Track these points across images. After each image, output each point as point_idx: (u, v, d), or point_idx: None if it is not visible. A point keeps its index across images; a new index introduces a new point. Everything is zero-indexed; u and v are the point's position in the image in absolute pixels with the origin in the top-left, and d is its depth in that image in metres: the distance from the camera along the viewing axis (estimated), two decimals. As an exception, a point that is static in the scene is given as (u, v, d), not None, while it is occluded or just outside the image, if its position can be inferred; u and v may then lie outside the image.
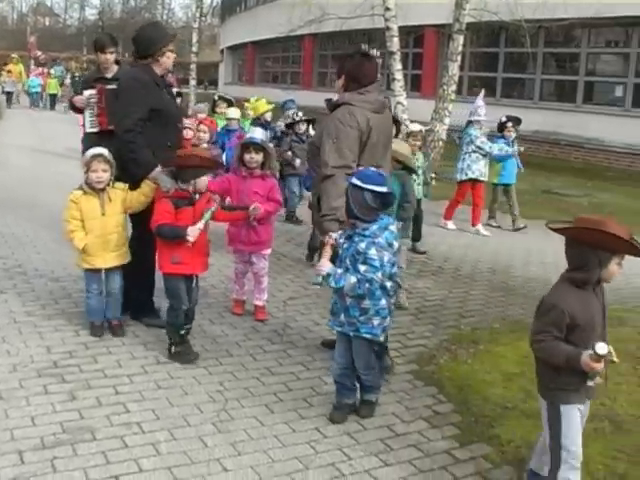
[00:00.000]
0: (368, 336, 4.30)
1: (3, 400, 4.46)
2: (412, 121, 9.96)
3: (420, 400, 4.87)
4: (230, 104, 11.03)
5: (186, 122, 8.86)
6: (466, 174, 10.44)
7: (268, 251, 6.34)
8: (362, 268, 4.13)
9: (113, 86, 6.58)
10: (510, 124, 10.89)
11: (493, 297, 7.30)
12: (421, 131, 9.18)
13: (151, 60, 5.68)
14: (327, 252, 4.27)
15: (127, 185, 5.57)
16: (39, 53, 38.02)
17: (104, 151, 5.43)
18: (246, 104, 11.41)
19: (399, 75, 14.39)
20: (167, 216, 5.10)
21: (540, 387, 3.63)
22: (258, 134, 6.22)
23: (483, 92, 11.38)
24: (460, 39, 14.27)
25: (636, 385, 5.19)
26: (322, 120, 5.64)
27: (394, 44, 14.27)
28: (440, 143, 15.38)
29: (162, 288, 5.48)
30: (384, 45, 14.73)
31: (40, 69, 32.92)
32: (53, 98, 30.74)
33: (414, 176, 8.38)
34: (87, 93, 6.84)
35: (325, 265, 4.24)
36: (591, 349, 3.21)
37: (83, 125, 7.01)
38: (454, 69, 14.95)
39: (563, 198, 14.03)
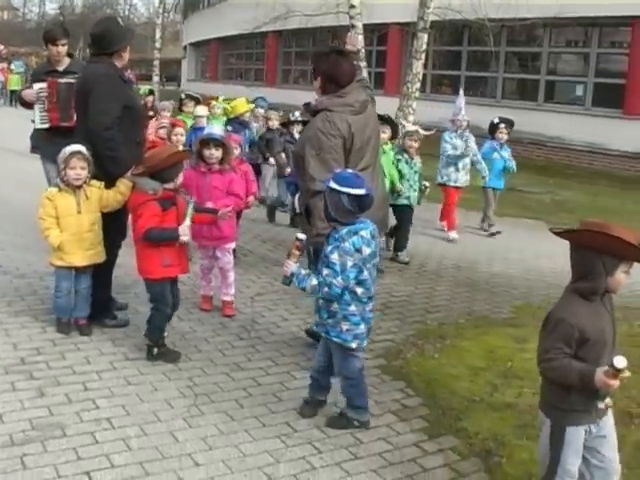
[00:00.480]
0: (337, 340, 4.28)
1: (-30, 397, 4.43)
2: (409, 121, 9.88)
3: (388, 394, 4.92)
4: (197, 102, 10.79)
5: (163, 121, 8.86)
6: (441, 177, 9.97)
7: (232, 245, 6.42)
8: (324, 272, 4.13)
9: (66, 80, 6.50)
10: (503, 126, 10.43)
11: (458, 293, 7.38)
12: (417, 131, 8.86)
13: (115, 56, 5.62)
14: (294, 254, 4.29)
15: (103, 183, 5.48)
16: (1, 47, 36.75)
17: (82, 148, 5.32)
18: (213, 102, 11.09)
19: (363, 73, 14.43)
20: (155, 219, 5.03)
21: (545, 405, 3.42)
22: (217, 130, 6.23)
23: (462, 92, 10.78)
24: (424, 37, 14.37)
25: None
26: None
27: (359, 41, 14.30)
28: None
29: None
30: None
31: (2, 65, 31.97)
32: (14, 94, 29.88)
33: (410, 182, 8.50)
34: (37, 87, 6.66)
35: (289, 265, 4.25)
36: (607, 364, 3.00)
37: (33, 121, 6.85)
38: (418, 67, 15.04)
39: (526, 195, 14.21)
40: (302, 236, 4.36)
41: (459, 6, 14.57)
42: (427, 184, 8.91)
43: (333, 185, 4.09)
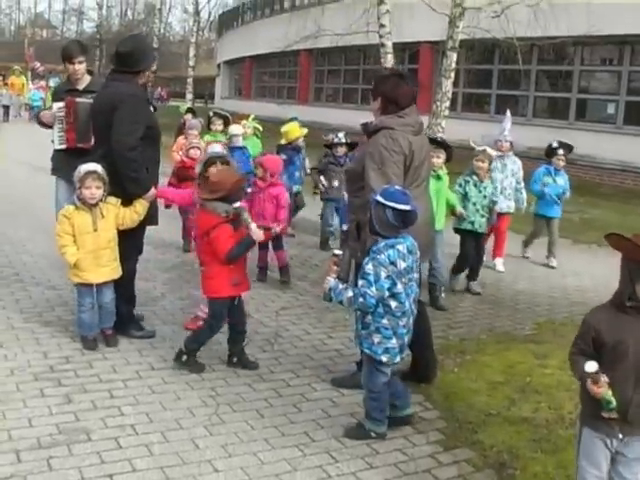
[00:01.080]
0: (367, 352, 4.37)
1: (1, 402, 4.60)
2: (475, 142, 8.81)
3: (407, 407, 5.00)
4: (226, 121, 10.29)
5: (194, 141, 8.83)
6: None
7: None
8: (359, 282, 4.23)
9: (84, 99, 6.37)
10: (561, 152, 9.45)
11: (481, 309, 7.43)
12: (485, 151, 8.12)
13: (140, 75, 5.66)
14: (332, 269, 4.42)
15: (119, 201, 5.52)
16: (37, 64, 36.43)
17: (98, 167, 5.35)
18: (244, 121, 10.86)
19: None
20: (231, 241, 5.19)
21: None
22: (219, 148, 6.35)
23: (509, 112, 9.83)
24: (453, 56, 14.49)
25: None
26: (361, 145, 5.63)
27: (388, 60, 14.49)
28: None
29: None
30: (379, 61, 14.92)
31: (42, 82, 31.53)
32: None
33: (477, 206, 7.83)
34: (56, 106, 6.55)
35: (328, 281, 4.38)
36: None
37: (52, 141, 6.71)
38: (447, 86, 15.15)
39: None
40: (338, 252, 4.49)
41: (488, 25, 14.65)
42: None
43: (379, 199, 4.20)
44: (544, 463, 4.31)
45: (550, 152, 9.55)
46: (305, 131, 10.45)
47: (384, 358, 4.34)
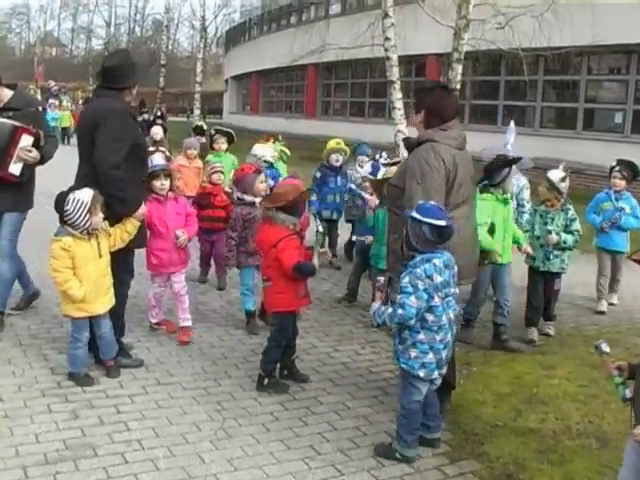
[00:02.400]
0: (404, 366, 4.35)
1: (8, 418, 4.63)
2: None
3: (413, 419, 5.00)
4: (230, 138, 9.47)
5: (217, 166, 8.14)
6: None
7: (184, 270, 6.48)
8: (398, 297, 4.22)
9: (4, 120, 5.91)
10: (617, 169, 7.91)
11: (488, 321, 7.39)
12: (564, 177, 6.89)
13: (127, 91, 5.44)
14: (377, 295, 4.47)
15: (107, 222, 5.24)
16: (52, 83, 34.10)
17: (96, 191, 5.03)
18: (270, 143, 9.62)
19: (399, 104, 14.62)
20: (298, 252, 5.24)
21: None
22: (159, 159, 6.22)
23: (513, 124, 8.82)
24: (459, 68, 14.52)
25: (624, 404, 5.30)
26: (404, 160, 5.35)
27: (394, 73, 14.53)
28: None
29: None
30: (384, 74, 14.98)
31: (56, 101, 29.67)
32: (65, 131, 27.56)
33: (540, 240, 6.92)
34: None
35: (373, 306, 4.43)
36: None
37: None
38: (454, 97, 15.16)
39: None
40: (382, 278, 4.52)
41: (492, 36, 14.69)
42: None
43: (415, 215, 4.20)
44: (551, 474, 4.30)
45: (609, 173, 8.11)
46: (337, 145, 9.28)
47: (421, 373, 4.30)
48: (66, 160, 7.08)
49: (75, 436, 4.45)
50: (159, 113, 16.91)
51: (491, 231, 6.34)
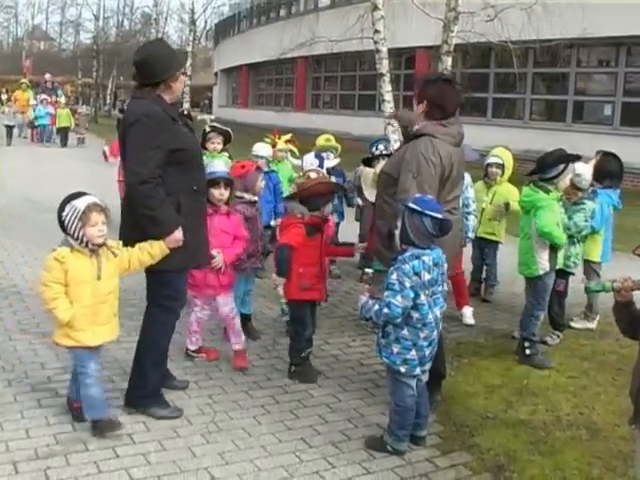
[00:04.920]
0: (386, 361, 4.34)
1: (-2, 414, 4.60)
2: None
3: (404, 411, 5.01)
4: (227, 137, 8.18)
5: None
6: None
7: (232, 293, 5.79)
8: (385, 294, 4.19)
9: None
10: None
11: (479, 312, 7.42)
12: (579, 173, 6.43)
13: (162, 87, 4.60)
14: (365, 288, 4.46)
15: (121, 242, 4.54)
16: (48, 76, 31.42)
17: (96, 198, 4.37)
18: (277, 141, 8.90)
19: (388, 96, 14.59)
20: (297, 239, 5.23)
21: None
22: (221, 167, 5.61)
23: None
24: (449, 60, 14.48)
25: (614, 395, 5.34)
26: (399, 149, 5.27)
27: (383, 66, 14.49)
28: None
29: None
30: (374, 67, 14.96)
31: (48, 96, 26.80)
32: (65, 132, 24.87)
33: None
34: None
35: (361, 299, 4.41)
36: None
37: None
38: (443, 90, 15.13)
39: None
40: (370, 270, 4.51)
41: (482, 29, 14.67)
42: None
43: (415, 207, 4.15)
44: (541, 465, 4.32)
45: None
46: (326, 142, 8.75)
47: (402, 369, 4.28)
48: (67, 165, 7.02)
49: (66, 431, 4.43)
50: (185, 112, 15.04)
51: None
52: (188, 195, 4.64)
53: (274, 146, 8.66)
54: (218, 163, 5.67)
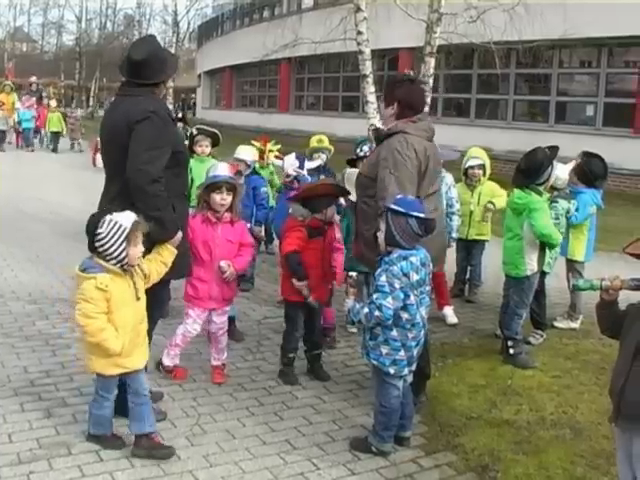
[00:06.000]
0: (375, 363, 4.34)
1: (-20, 419, 4.57)
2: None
3: (388, 412, 5.01)
4: (215, 140, 7.91)
5: None
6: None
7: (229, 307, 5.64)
8: (374, 296, 4.19)
9: None
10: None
11: (464, 313, 7.44)
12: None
13: (156, 88, 4.57)
14: (350, 291, 4.45)
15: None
16: (34, 79, 31.14)
17: (136, 215, 4.08)
18: (270, 148, 8.77)
19: (372, 97, 14.55)
20: (298, 243, 5.24)
21: None
22: (225, 170, 5.38)
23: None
24: (432, 62, 14.49)
25: (597, 394, 5.37)
26: (374, 151, 5.26)
27: (367, 67, 14.46)
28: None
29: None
30: (357, 68, 14.95)
31: (33, 99, 26.19)
32: (56, 137, 24.10)
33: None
34: None
35: (347, 303, 4.42)
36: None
37: None
38: (427, 91, 15.15)
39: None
40: (355, 274, 4.50)
41: (465, 30, 14.70)
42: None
43: (398, 208, 4.15)
44: (526, 465, 4.34)
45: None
46: (319, 143, 8.50)
47: (392, 370, 4.29)
48: (56, 171, 6.98)
49: (49, 435, 4.40)
50: (180, 115, 14.31)
51: None
52: (180, 199, 4.59)
53: (262, 153, 8.60)
54: (222, 167, 5.42)
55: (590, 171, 7.16)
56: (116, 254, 3.95)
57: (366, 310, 4.21)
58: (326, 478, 4.11)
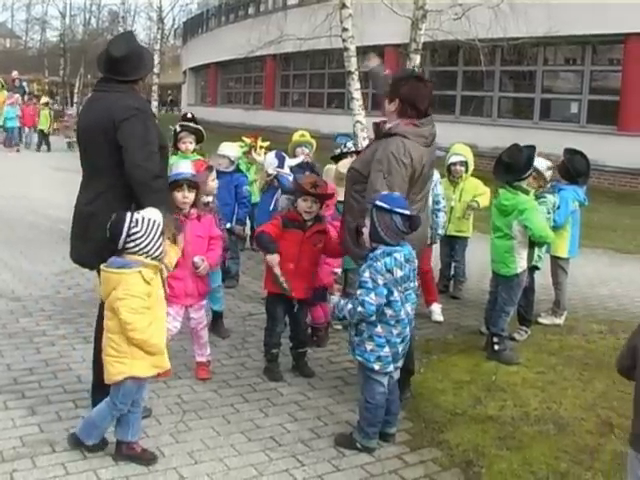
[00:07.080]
0: (360, 359, 4.35)
1: (-37, 417, 4.54)
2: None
3: (373, 408, 5.02)
4: (199, 136, 7.78)
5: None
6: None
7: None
8: (358, 292, 4.20)
9: None
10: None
11: (448, 309, 7.46)
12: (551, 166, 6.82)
13: (137, 84, 4.58)
14: (334, 288, 4.45)
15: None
16: (15, 74, 30.08)
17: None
18: (260, 144, 8.79)
19: (357, 94, 14.56)
20: (271, 228, 5.32)
21: None
22: (187, 168, 5.27)
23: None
24: (417, 59, 14.50)
25: (581, 390, 5.40)
26: (370, 146, 5.16)
27: (352, 64, 14.45)
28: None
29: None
30: (343, 65, 14.95)
31: (16, 96, 25.09)
32: (44, 135, 23.62)
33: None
34: None
35: (332, 300, 4.43)
36: None
37: None
38: (412, 88, 15.15)
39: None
40: (338, 270, 4.49)
41: (450, 27, 14.72)
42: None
43: (383, 205, 4.16)
44: (510, 460, 4.35)
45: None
46: (301, 137, 8.55)
47: (376, 366, 4.29)
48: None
49: (32, 432, 4.38)
50: (189, 115, 14.04)
51: None
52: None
53: (251, 149, 8.66)
54: (184, 164, 5.34)
55: (573, 168, 7.19)
56: (153, 250, 3.92)
57: (350, 306, 4.22)
58: (311, 474, 4.11)
